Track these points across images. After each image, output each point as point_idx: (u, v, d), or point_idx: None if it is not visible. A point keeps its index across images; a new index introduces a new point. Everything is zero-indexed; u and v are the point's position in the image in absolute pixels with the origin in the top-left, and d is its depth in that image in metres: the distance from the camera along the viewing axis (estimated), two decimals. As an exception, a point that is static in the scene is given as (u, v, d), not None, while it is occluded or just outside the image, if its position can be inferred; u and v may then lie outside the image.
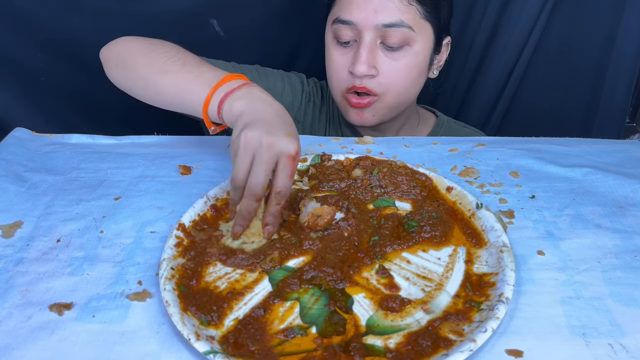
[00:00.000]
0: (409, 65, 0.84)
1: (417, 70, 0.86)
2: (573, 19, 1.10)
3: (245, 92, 0.65)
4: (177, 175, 0.73)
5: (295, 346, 0.48)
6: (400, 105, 0.89)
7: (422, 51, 0.84)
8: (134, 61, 0.77)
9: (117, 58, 0.80)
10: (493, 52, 1.14)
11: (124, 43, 0.80)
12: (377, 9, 0.80)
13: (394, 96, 0.86)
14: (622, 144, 0.83)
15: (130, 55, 0.78)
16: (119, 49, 0.80)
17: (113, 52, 0.81)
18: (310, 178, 0.72)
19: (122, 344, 0.48)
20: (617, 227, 0.63)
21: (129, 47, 0.79)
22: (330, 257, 0.58)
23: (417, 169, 0.70)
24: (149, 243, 0.60)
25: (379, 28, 0.81)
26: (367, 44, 0.81)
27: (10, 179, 0.70)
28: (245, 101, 0.64)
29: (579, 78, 1.15)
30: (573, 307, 0.52)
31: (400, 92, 0.86)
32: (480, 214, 0.63)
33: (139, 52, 0.77)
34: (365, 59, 0.81)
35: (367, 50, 0.81)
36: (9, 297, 0.53)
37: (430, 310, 0.52)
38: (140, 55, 0.77)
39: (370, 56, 0.82)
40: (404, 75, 0.85)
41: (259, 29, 1.10)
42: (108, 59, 0.81)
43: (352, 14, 0.81)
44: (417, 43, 0.83)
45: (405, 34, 0.81)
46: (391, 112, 0.89)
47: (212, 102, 0.67)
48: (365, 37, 0.81)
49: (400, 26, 0.80)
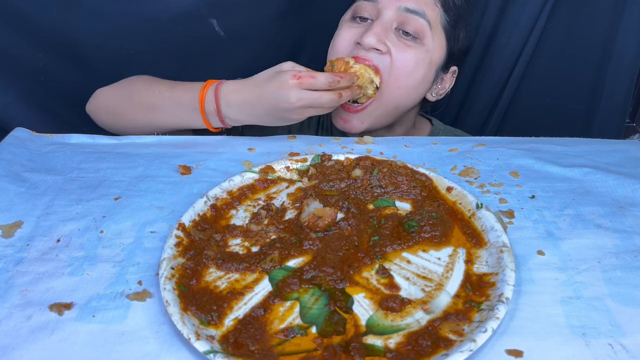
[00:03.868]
0: (418, 59, 0.82)
1: (423, 72, 0.84)
2: (573, 19, 1.10)
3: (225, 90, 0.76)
4: (177, 175, 0.73)
5: (295, 346, 0.48)
6: (395, 108, 0.86)
7: (432, 54, 0.83)
8: (121, 110, 0.85)
9: (104, 108, 0.88)
10: (493, 52, 1.15)
11: (102, 94, 0.88)
12: None
13: (393, 92, 0.83)
14: (622, 144, 0.83)
15: (114, 104, 0.86)
16: (101, 100, 0.88)
17: (97, 105, 0.88)
18: (310, 178, 0.72)
19: (122, 344, 0.48)
20: (617, 227, 0.63)
21: (109, 96, 0.87)
22: (330, 257, 0.58)
23: (417, 169, 0.70)
24: (149, 243, 0.60)
25: (401, 11, 0.81)
26: (383, 21, 0.81)
27: (10, 179, 0.70)
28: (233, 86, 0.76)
29: (579, 78, 1.15)
30: (573, 307, 0.52)
31: (400, 89, 0.83)
32: (480, 214, 0.63)
33: (119, 100, 0.86)
34: (377, 32, 0.80)
35: (381, 25, 0.81)
36: (9, 297, 0.53)
37: (430, 310, 0.52)
38: (123, 103, 0.85)
39: (383, 33, 0.81)
40: (410, 67, 0.82)
41: (259, 29, 1.10)
42: (96, 112, 0.89)
43: None
44: (430, 42, 0.83)
45: (423, 27, 0.81)
46: (382, 119, 0.87)
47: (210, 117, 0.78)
48: (383, 15, 0.81)
49: (422, 16, 0.81)
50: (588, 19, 1.09)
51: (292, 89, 0.71)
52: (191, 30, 1.04)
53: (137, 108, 0.83)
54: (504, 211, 0.66)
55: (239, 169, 0.74)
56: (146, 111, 0.83)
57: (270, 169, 0.72)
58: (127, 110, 0.85)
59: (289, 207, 0.67)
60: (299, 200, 0.68)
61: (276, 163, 0.73)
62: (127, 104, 0.85)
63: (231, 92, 0.76)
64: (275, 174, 0.72)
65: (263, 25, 1.10)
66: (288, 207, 0.67)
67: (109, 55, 1.04)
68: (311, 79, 0.72)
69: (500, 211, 0.66)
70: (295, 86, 0.71)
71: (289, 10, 1.10)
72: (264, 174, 0.71)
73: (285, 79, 0.72)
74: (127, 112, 0.85)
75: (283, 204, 0.68)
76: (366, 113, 0.85)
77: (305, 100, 0.72)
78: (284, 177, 0.72)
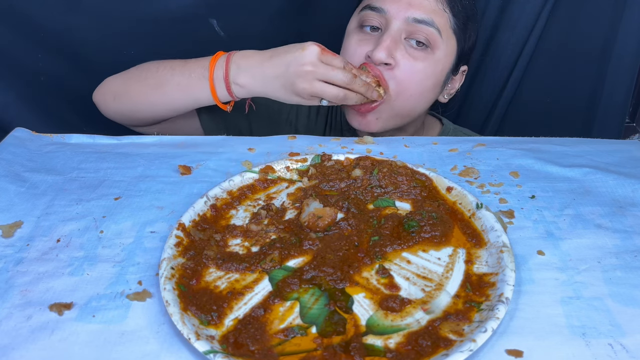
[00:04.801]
0: (427, 70, 0.82)
1: (433, 80, 0.84)
2: (573, 19, 1.10)
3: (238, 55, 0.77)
4: (177, 175, 0.73)
5: (295, 346, 0.48)
6: (407, 114, 0.86)
7: (443, 61, 0.83)
8: (129, 90, 0.85)
9: (111, 93, 0.87)
10: (493, 52, 1.15)
11: (111, 80, 0.88)
12: (412, 3, 0.80)
13: (403, 101, 0.83)
14: (622, 144, 0.83)
15: (123, 86, 0.86)
16: (108, 86, 0.87)
17: (105, 90, 0.88)
18: (310, 178, 0.72)
19: (122, 344, 0.48)
20: (617, 227, 0.63)
21: (117, 81, 0.87)
22: (330, 257, 0.58)
23: (417, 169, 0.70)
24: (149, 243, 0.60)
25: (409, 22, 0.80)
26: (392, 33, 0.80)
27: (10, 179, 0.70)
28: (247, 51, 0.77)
29: (579, 78, 1.15)
30: (573, 307, 0.52)
31: (411, 97, 0.84)
32: (480, 214, 0.63)
33: (128, 81, 0.85)
34: (387, 45, 0.79)
35: (391, 38, 0.80)
36: (9, 297, 0.53)
37: (430, 310, 0.52)
38: (132, 83, 0.84)
39: (393, 45, 0.80)
40: (419, 78, 0.82)
41: (259, 29, 1.10)
42: (103, 97, 0.88)
43: (385, 2, 0.81)
44: (440, 50, 0.82)
45: (432, 35, 0.80)
46: (396, 120, 0.87)
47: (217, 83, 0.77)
48: (392, 27, 0.80)
49: (430, 25, 0.80)
50: (588, 19, 1.09)
51: (311, 52, 0.71)
52: (191, 30, 1.04)
53: (146, 86, 0.83)
54: (504, 211, 0.66)
55: (239, 169, 0.74)
56: (155, 87, 0.82)
57: (270, 169, 0.72)
58: (136, 89, 0.84)
59: (289, 207, 0.67)
60: (299, 200, 0.68)
61: (276, 163, 0.73)
62: (137, 84, 0.84)
63: (244, 55, 0.77)
64: (275, 174, 0.72)
65: (263, 25, 1.10)
66: (288, 207, 0.67)
67: (109, 55, 1.04)
68: (332, 55, 0.73)
69: (500, 211, 0.66)
70: (315, 52, 0.71)
71: (289, 10, 1.10)
72: (264, 174, 0.71)
73: (306, 44, 0.72)
74: (136, 91, 0.84)
75: (283, 204, 0.68)
76: (379, 111, 0.84)
77: (319, 72, 0.71)
78: (284, 177, 0.72)
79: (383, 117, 0.85)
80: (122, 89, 0.86)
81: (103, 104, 0.88)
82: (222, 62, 0.77)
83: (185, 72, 0.80)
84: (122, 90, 0.86)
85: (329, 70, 0.72)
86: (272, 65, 0.74)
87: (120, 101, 0.86)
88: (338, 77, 0.72)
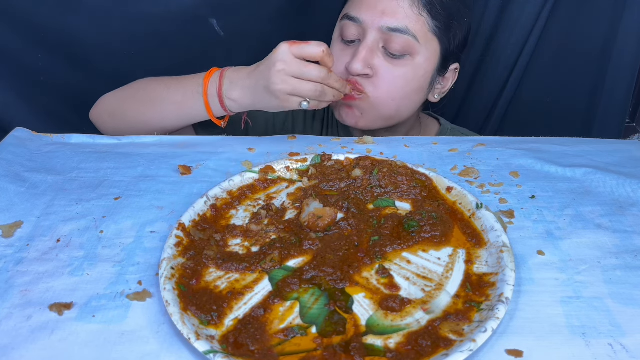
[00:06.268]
0: (407, 76, 0.82)
1: (415, 84, 0.84)
2: (573, 19, 1.10)
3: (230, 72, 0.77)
4: (177, 175, 0.73)
5: (295, 346, 0.48)
6: (392, 117, 0.86)
7: (424, 65, 0.83)
8: (124, 109, 0.86)
9: (107, 112, 0.88)
10: (493, 52, 1.14)
11: (106, 99, 0.89)
12: (386, 11, 0.79)
13: (385, 105, 0.84)
14: (622, 144, 0.83)
15: (118, 105, 0.87)
16: (103, 105, 0.89)
17: (100, 110, 0.89)
18: (310, 178, 0.72)
19: (122, 344, 0.48)
20: (617, 227, 0.63)
21: (112, 100, 0.88)
22: (330, 257, 0.58)
23: (417, 169, 0.70)
24: (149, 243, 0.60)
25: (383, 31, 0.80)
26: (368, 43, 0.81)
27: (10, 179, 0.70)
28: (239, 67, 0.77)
29: (579, 78, 1.15)
30: (573, 307, 0.52)
31: (393, 102, 0.84)
32: (480, 214, 0.63)
33: (123, 100, 0.87)
34: (362, 57, 0.80)
35: (366, 49, 0.81)
36: (9, 297, 0.53)
37: (430, 310, 0.52)
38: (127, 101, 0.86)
39: (369, 56, 0.81)
40: (400, 84, 0.83)
41: (259, 29, 1.10)
42: (99, 115, 0.89)
43: (361, 11, 0.81)
44: (420, 55, 0.82)
45: (408, 43, 0.80)
46: (382, 122, 0.87)
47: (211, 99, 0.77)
48: (368, 37, 0.81)
49: (405, 33, 0.79)
50: (588, 19, 1.09)
51: (281, 51, 0.70)
52: (191, 30, 1.04)
53: (141, 103, 0.83)
54: (504, 211, 0.66)
55: (239, 169, 0.74)
56: (150, 104, 0.83)
57: (270, 169, 0.72)
58: (131, 107, 0.85)
59: (289, 207, 0.67)
60: (299, 200, 0.68)
61: (276, 163, 0.73)
62: (132, 101, 0.85)
63: (235, 70, 0.77)
64: (275, 174, 0.72)
65: (263, 25, 1.10)
66: (288, 207, 0.67)
67: (109, 55, 1.04)
68: (305, 43, 0.71)
69: (500, 211, 0.66)
70: (284, 49, 0.70)
71: (289, 10, 1.10)
72: (264, 174, 0.71)
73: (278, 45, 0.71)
74: (131, 109, 0.85)
75: (283, 204, 0.68)
76: (362, 109, 0.84)
77: (291, 69, 0.70)
78: (284, 177, 0.72)
79: (367, 117, 0.85)
80: (117, 107, 0.87)
81: (100, 122, 0.89)
82: (215, 78, 0.77)
83: (180, 89, 0.80)
84: (117, 109, 0.87)
85: (302, 66, 0.71)
86: (256, 74, 0.74)
87: (116, 119, 0.87)
88: (312, 73, 0.71)
